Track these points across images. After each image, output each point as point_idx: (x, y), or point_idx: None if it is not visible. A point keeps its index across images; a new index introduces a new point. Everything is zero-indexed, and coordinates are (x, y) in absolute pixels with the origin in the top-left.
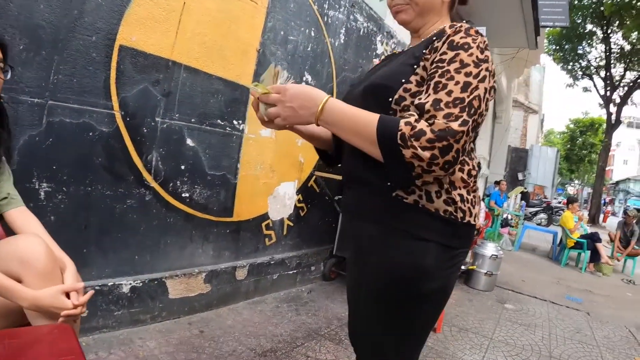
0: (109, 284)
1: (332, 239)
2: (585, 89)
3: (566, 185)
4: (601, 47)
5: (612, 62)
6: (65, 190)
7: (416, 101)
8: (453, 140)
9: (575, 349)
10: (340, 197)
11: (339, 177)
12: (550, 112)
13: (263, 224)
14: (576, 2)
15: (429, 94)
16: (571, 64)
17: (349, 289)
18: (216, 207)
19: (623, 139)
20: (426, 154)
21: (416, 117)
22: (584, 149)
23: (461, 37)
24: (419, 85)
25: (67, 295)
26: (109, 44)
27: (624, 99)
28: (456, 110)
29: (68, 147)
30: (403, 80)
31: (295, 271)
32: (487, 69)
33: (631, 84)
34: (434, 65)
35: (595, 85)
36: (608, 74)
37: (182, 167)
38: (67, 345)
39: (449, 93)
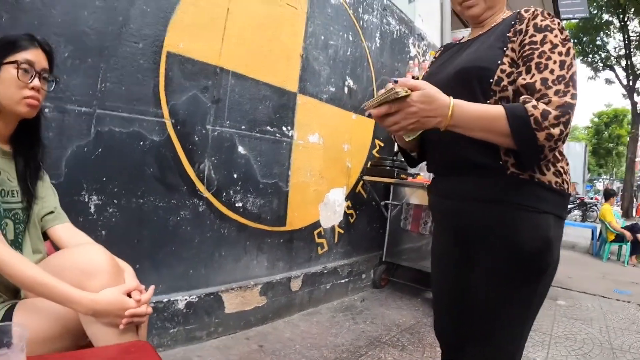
0: (164, 300)
1: (381, 246)
2: (608, 81)
3: (594, 181)
4: (619, 36)
5: (632, 50)
6: (116, 202)
7: (522, 81)
8: (572, 113)
9: (634, 339)
10: (388, 201)
11: (387, 180)
12: None
13: (315, 232)
14: None
15: (534, 74)
16: (591, 56)
17: (445, 281)
18: (269, 216)
19: None
20: (556, 131)
21: (534, 101)
22: (611, 141)
23: (541, 20)
24: (511, 67)
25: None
26: (157, 51)
27: None
28: (562, 87)
29: (118, 157)
30: (499, 62)
31: (347, 280)
32: (571, 47)
33: None
34: (527, 47)
35: (617, 76)
36: (629, 62)
37: (235, 175)
38: None
39: (552, 72)
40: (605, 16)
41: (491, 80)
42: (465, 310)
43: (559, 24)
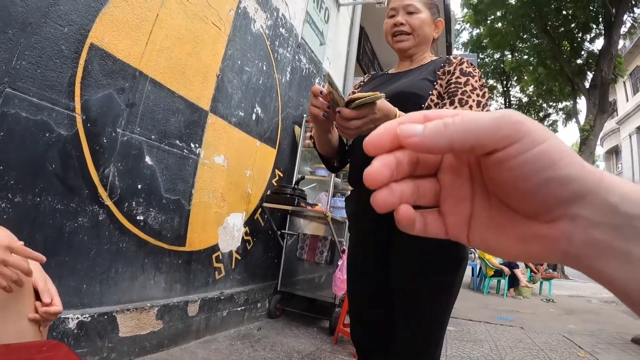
0: None
1: (276, 275)
2: None
3: None
4: (501, 99)
5: None
6: (10, 197)
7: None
8: None
9: (523, 354)
10: (285, 231)
11: (287, 207)
12: None
13: (213, 256)
14: (479, 60)
15: (456, 106)
16: None
17: (365, 285)
18: (170, 234)
19: None
20: None
21: None
22: None
23: (466, 67)
24: (438, 98)
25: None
26: (81, 40)
27: None
28: None
29: (20, 145)
30: (430, 92)
31: (243, 308)
32: (487, 91)
33: None
34: (453, 85)
35: None
36: None
37: (139, 186)
38: None
39: (470, 107)
40: (491, 81)
41: (423, 105)
42: (390, 308)
43: (478, 72)
